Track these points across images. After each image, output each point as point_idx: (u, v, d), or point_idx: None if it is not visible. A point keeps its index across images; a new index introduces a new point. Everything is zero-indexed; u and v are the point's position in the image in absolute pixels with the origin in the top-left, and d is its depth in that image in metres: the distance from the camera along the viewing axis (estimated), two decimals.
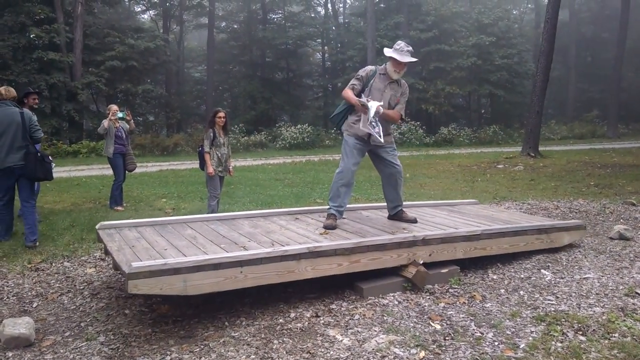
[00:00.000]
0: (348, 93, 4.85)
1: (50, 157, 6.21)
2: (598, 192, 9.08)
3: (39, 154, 5.88)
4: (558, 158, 15.03)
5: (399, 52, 4.78)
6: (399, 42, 4.91)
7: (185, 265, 3.38)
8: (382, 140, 4.70)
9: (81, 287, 4.51)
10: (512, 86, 29.04)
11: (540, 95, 15.38)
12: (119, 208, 7.85)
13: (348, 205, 5.22)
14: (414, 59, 4.92)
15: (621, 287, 4.23)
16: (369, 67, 5.01)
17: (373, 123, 4.65)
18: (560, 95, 35.11)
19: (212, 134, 6.73)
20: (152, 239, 4.27)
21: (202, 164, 6.87)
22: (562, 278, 4.50)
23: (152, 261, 3.41)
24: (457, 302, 3.97)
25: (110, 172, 8.28)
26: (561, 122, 31.01)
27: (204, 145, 6.78)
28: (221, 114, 6.82)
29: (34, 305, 4.11)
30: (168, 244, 4.13)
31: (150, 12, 33.96)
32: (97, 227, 4.63)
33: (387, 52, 4.87)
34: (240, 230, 4.69)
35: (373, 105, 4.60)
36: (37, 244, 5.75)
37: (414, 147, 23.49)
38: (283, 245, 4.03)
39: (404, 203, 5.41)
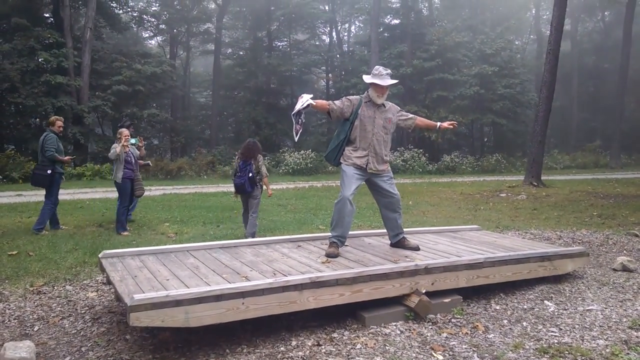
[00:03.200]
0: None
1: (48, 170, 7.76)
2: (601, 222, 9.06)
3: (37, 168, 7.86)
4: (561, 188, 15.03)
5: (379, 76, 4.85)
6: (377, 67, 4.99)
7: (187, 297, 3.37)
8: (296, 138, 4.79)
9: (82, 311, 4.50)
10: (514, 115, 29.22)
11: (542, 124, 15.47)
12: (125, 233, 7.83)
13: (350, 232, 5.24)
14: (395, 81, 4.98)
15: (625, 320, 4.20)
16: (355, 97, 5.04)
17: (297, 117, 4.67)
18: (562, 124, 35.29)
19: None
20: (155, 269, 4.27)
21: (243, 190, 7.12)
22: (565, 309, 4.48)
23: (154, 293, 3.40)
24: (460, 333, 3.94)
25: (113, 195, 8.32)
26: (564, 151, 31.16)
27: (260, 171, 7.18)
28: None
29: (35, 329, 4.10)
30: (170, 273, 4.13)
31: (158, 38, 34.56)
32: (99, 255, 4.63)
33: (367, 79, 4.93)
34: (243, 258, 4.69)
35: (305, 97, 4.60)
36: (40, 233, 7.62)
37: (416, 174, 23.55)
38: (285, 275, 4.03)
39: (406, 229, 5.41)
